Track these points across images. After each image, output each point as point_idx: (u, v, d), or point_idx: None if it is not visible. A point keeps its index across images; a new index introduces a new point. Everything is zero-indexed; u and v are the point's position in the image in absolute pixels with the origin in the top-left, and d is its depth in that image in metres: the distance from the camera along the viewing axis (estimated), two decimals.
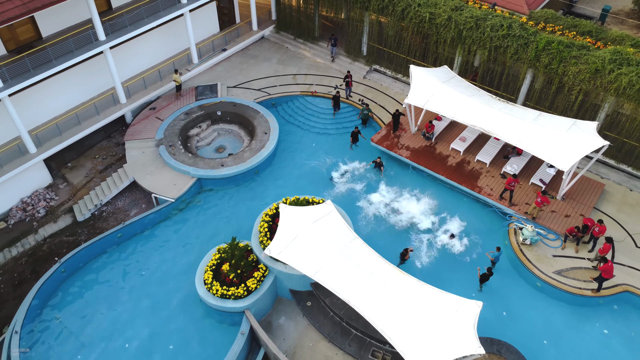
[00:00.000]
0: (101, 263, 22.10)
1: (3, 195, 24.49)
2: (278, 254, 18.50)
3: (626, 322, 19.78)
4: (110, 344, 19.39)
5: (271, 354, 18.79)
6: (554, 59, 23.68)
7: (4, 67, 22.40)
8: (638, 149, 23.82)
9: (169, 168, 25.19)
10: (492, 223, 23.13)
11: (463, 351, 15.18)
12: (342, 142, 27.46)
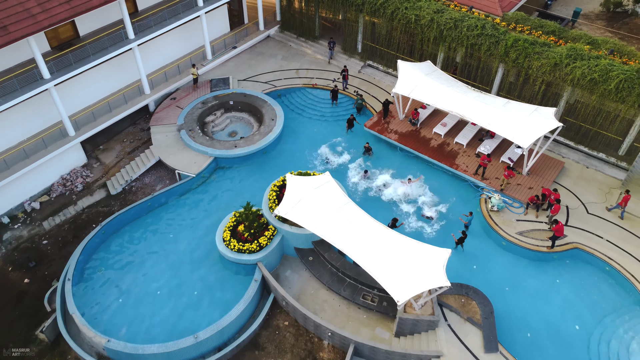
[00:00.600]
0: (134, 227, 26.07)
1: (46, 172, 28.43)
2: (285, 213, 22.47)
3: (575, 273, 23.74)
4: (144, 290, 23.36)
5: (280, 297, 22.78)
6: (520, 55, 27.65)
7: (52, 61, 26.35)
8: (592, 131, 27.78)
9: (189, 149, 29.16)
10: (467, 194, 27.10)
11: (434, 284, 19.14)
12: (339, 128, 31.43)
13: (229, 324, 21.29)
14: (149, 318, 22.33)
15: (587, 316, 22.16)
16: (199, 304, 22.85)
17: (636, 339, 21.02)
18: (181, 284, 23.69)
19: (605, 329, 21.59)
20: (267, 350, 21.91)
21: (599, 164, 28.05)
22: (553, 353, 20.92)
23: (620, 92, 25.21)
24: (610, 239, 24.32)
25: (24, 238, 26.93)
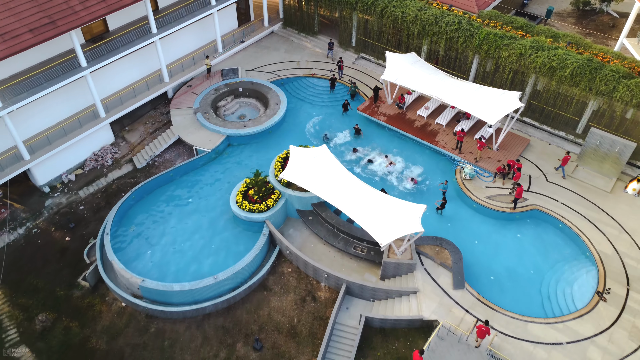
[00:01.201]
0: (159, 193, 30.44)
1: (80, 149, 32.80)
2: (289, 177, 26.84)
3: (534, 229, 28.09)
4: (170, 243, 27.74)
5: (284, 248, 27.16)
6: (491, 46, 32.03)
7: (88, 52, 30.74)
8: (553, 113, 32.17)
9: (205, 129, 33.54)
10: (445, 166, 31.48)
11: (410, 230, 23.51)
12: (336, 111, 35.82)
13: (243, 268, 25.65)
14: (174, 265, 26.71)
15: (541, 263, 26.53)
16: (217, 254, 27.23)
17: (578, 280, 25.41)
18: (201, 238, 28.04)
19: (555, 273, 25.98)
20: (274, 290, 26.30)
21: (559, 141, 32.42)
22: (511, 292, 25.27)
23: (574, 78, 29.60)
24: (565, 202, 28.68)
25: (63, 204, 31.30)
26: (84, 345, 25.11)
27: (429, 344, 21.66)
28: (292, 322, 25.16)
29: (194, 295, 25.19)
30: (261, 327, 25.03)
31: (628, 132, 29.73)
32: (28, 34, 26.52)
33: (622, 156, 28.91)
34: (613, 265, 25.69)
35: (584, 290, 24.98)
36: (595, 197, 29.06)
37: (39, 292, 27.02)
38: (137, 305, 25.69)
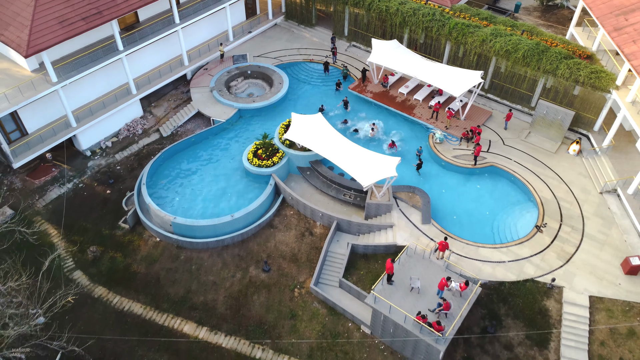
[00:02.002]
0: (183, 155, 36.80)
1: (116, 120, 39.12)
2: (291, 137, 33.22)
3: (491, 182, 34.44)
4: (194, 192, 34.11)
5: (287, 195, 33.52)
6: (459, 34, 38.42)
7: (124, 38, 37.11)
8: (511, 89, 38.52)
9: (220, 104, 39.90)
10: (420, 133, 37.84)
11: (386, 174, 29.87)
12: (329, 90, 42.21)
13: (254, 210, 32.01)
14: (198, 208, 33.10)
15: (495, 206, 32.92)
16: (232, 200, 33.61)
17: (522, 218, 31.81)
18: (219, 188, 34.42)
19: (505, 213, 32.39)
20: (278, 228, 32.70)
21: (516, 113, 38.78)
22: (468, 227, 31.61)
23: (526, 59, 35.99)
24: (517, 160, 35.05)
25: (102, 165, 37.67)
26: (127, 270, 31.53)
27: (399, 259, 28.05)
28: (293, 251, 31.56)
29: (215, 230, 31.55)
30: (269, 255, 31.42)
31: (571, 103, 36.06)
32: (81, 22, 32.93)
33: (564, 123, 35.31)
34: (551, 207, 32.08)
35: (526, 225, 31.40)
36: (542, 157, 35.45)
37: (88, 232, 33.35)
38: (169, 239, 32.09)
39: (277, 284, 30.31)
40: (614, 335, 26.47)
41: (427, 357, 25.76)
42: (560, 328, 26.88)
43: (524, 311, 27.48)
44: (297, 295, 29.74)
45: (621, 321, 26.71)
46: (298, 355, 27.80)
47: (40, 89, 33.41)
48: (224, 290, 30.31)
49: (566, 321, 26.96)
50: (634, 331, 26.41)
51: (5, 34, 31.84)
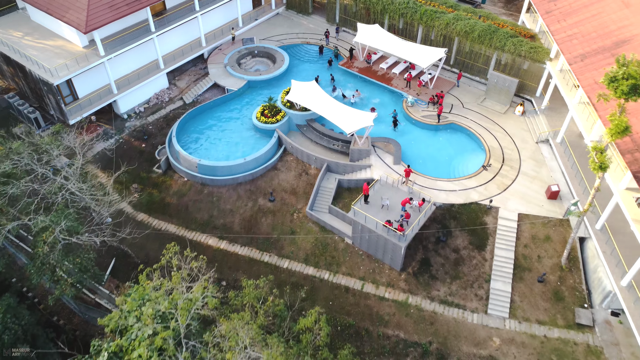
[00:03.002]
0: (204, 116, 45.42)
1: (147, 90, 47.72)
2: (291, 98, 41.87)
3: (451, 136, 43.06)
4: (213, 143, 42.74)
5: (288, 145, 42.13)
6: (428, 18, 47.08)
7: (155, 22, 45.75)
8: (471, 64, 47.17)
9: (232, 77, 48.55)
10: (396, 99, 46.50)
11: (366, 124, 38.55)
12: (323, 65, 50.88)
13: (261, 155, 40.60)
14: (217, 155, 41.73)
15: (453, 153, 41.46)
16: (244, 149, 42.24)
17: (473, 160, 40.40)
18: (233, 140, 43.04)
19: (460, 158, 40.95)
20: (281, 170, 41.32)
21: (475, 84, 47.43)
22: (431, 167, 40.16)
23: (480, 38, 44.62)
24: (473, 119, 43.67)
25: (137, 125, 46.27)
26: (162, 201, 40.19)
27: (373, 186, 36.70)
28: (292, 186, 40.21)
29: (231, 170, 40.16)
30: (274, 189, 40.05)
31: (517, 74, 44.65)
32: (125, 7, 41.63)
33: (510, 89, 43.94)
34: (496, 152, 40.72)
35: (475, 165, 40.03)
36: (493, 117, 44.06)
37: (130, 174, 41.89)
38: (194, 178, 40.72)
39: (280, 210, 38.97)
40: (534, 239, 35.13)
41: (393, 256, 34.41)
42: (495, 236, 35.52)
43: (469, 225, 36.12)
44: (296, 218, 38.40)
45: (540, 230, 35.38)
46: (296, 260, 36.47)
47: (91, 60, 42.06)
48: (239, 215, 38.96)
49: (500, 231, 35.61)
50: (549, 237, 35.09)
51: (67, 16, 40.46)
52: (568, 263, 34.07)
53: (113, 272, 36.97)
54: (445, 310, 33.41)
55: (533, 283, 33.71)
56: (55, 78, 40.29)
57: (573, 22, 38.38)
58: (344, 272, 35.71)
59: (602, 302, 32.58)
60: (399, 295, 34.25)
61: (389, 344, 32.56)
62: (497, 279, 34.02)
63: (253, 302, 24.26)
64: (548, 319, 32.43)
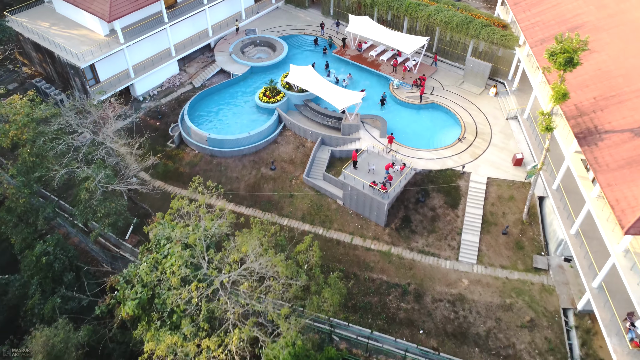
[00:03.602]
0: (212, 97, 50.89)
1: (159, 75, 53.16)
2: (289, 80, 47.36)
3: (432, 113, 48.54)
4: (220, 120, 48.22)
5: (287, 122, 47.61)
6: (412, 11, 52.59)
7: (168, 14, 51.20)
8: (451, 51, 52.71)
9: (237, 63, 54.02)
10: (383, 82, 51.99)
11: (355, 101, 44.04)
12: (319, 53, 56.38)
13: (264, 130, 46.05)
14: (225, 131, 47.19)
15: (433, 128, 46.94)
16: (248, 125, 47.71)
17: (450, 134, 45.92)
18: (238, 117, 48.50)
19: (438, 132, 46.45)
20: (281, 143, 46.79)
21: (455, 69, 52.96)
22: (413, 139, 45.60)
23: (458, 27, 50.14)
24: (451, 99, 49.17)
25: (152, 106, 51.70)
26: (176, 171, 45.64)
27: (361, 153, 42.16)
28: (291, 157, 45.67)
29: (238, 143, 45.58)
30: (275, 160, 45.49)
31: (491, 60, 50.15)
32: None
33: (485, 73, 49.46)
34: (470, 127, 46.19)
35: (452, 138, 45.52)
36: (469, 97, 49.55)
37: (147, 147, 47.28)
38: (204, 150, 46.15)
39: (280, 177, 44.45)
40: (500, 199, 40.63)
41: (377, 213, 39.89)
42: (466, 197, 41.01)
43: (444, 187, 41.61)
44: (294, 184, 43.88)
45: (506, 191, 40.89)
46: (294, 218, 41.93)
47: (112, 47, 47.50)
48: (244, 182, 44.42)
49: (471, 192, 41.09)
50: (513, 196, 40.58)
51: (92, 7, 45.91)
52: (528, 218, 39.58)
53: (134, 230, 42.37)
54: (422, 258, 38.90)
55: (498, 235, 39.20)
56: (81, 62, 45.72)
57: (536, 11, 43.87)
58: (335, 228, 41.18)
59: (556, 250, 38.07)
60: (383, 246, 39.72)
61: (374, 286, 38.03)
62: (467, 232, 39.51)
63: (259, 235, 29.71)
64: (510, 264, 37.92)
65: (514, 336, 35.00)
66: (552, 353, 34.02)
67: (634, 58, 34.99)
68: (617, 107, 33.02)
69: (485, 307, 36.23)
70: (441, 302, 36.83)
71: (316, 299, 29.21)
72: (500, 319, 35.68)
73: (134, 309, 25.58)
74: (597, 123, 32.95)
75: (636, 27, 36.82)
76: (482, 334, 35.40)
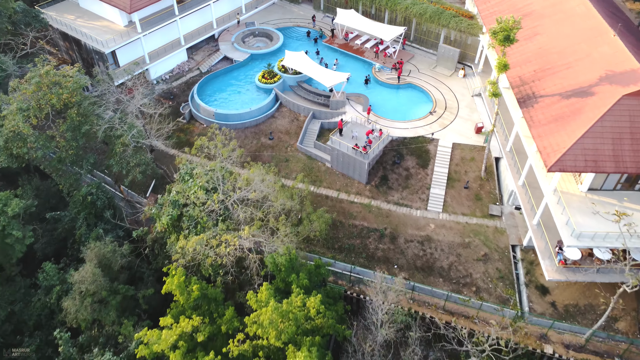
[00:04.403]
0: (218, 80, 58.39)
1: (171, 61, 60.61)
2: (285, 63, 54.93)
3: (409, 92, 56.19)
4: (225, 98, 55.74)
5: (283, 99, 55.16)
6: (392, 4, 60.23)
7: (179, 7, 58.68)
8: (425, 39, 60.37)
9: (238, 51, 61.55)
10: (367, 66, 59.61)
11: (340, 80, 51.63)
12: (310, 43, 63.99)
13: (263, 106, 53.58)
14: (229, 106, 54.69)
15: (409, 104, 54.60)
16: (249, 102, 55.23)
17: (422, 108, 53.56)
18: (241, 96, 56.01)
19: (413, 107, 54.10)
20: (278, 118, 54.31)
21: (430, 55, 60.62)
22: (391, 113, 53.23)
23: (431, 18, 57.87)
24: (425, 80, 56.83)
25: (164, 88, 59.16)
26: (187, 141, 53.07)
27: (346, 123, 49.72)
28: (287, 129, 53.22)
29: (241, 117, 53.06)
30: (272, 131, 52.99)
31: (460, 46, 57.85)
32: None
33: (454, 58, 57.16)
34: (441, 103, 53.83)
35: (424, 111, 53.17)
36: (441, 78, 57.20)
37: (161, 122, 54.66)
38: (212, 123, 53.61)
39: (278, 145, 51.93)
40: (463, 160, 48.25)
41: (360, 172, 47.40)
42: (435, 158, 48.60)
43: (416, 151, 49.20)
44: (289, 150, 51.39)
45: (468, 154, 48.51)
46: (289, 178, 49.42)
47: (131, 36, 54.95)
48: (247, 149, 51.85)
49: (438, 155, 48.67)
50: (474, 158, 48.18)
51: (115, 0, 53.37)
52: (486, 175, 47.22)
53: (154, 189, 49.74)
54: (397, 208, 46.45)
55: (460, 189, 46.81)
56: (106, 48, 53.17)
57: (494, 3, 51.64)
58: (324, 186, 48.69)
59: (508, 200, 45.71)
60: (364, 200, 47.25)
61: (356, 231, 45.54)
62: (435, 187, 47.09)
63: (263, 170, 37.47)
64: (469, 212, 45.53)
65: (471, 268, 42.55)
66: (502, 280, 41.56)
67: (566, 38, 42.73)
68: (551, 77, 40.70)
69: (448, 245, 43.77)
70: (412, 243, 44.35)
71: (307, 223, 36.76)
72: (460, 254, 43.23)
73: (167, 222, 32.90)
74: (534, 90, 40.62)
75: (570, 14, 44.63)
76: (445, 267, 42.93)
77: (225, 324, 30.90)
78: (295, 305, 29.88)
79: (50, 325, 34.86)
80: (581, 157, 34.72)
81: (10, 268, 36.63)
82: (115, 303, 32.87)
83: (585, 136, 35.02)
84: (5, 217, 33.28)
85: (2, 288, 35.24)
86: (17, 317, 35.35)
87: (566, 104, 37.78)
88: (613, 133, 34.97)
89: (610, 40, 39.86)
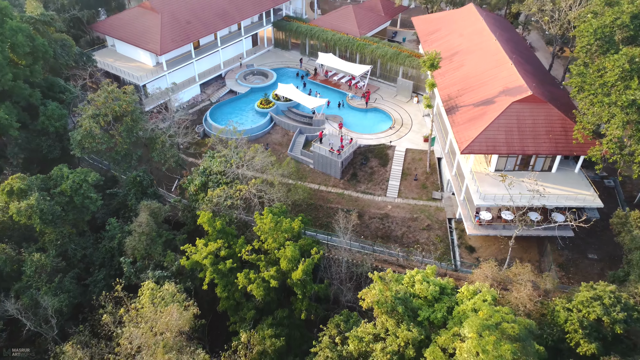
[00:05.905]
0: (223, 108, 74.37)
1: (187, 94, 76.75)
2: (278, 92, 71.20)
3: (374, 114, 72.22)
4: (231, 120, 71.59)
5: (277, 120, 71.00)
6: (361, 48, 77.43)
7: (195, 52, 75.42)
8: (388, 75, 77.18)
9: (240, 86, 78.02)
10: (342, 96, 75.92)
11: (319, 103, 67.68)
12: (298, 79, 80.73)
13: (260, 125, 69.29)
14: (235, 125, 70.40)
15: (375, 123, 70.46)
16: (250, 122, 70.94)
17: (385, 126, 69.51)
18: (242, 118, 71.78)
19: (378, 124, 70.09)
20: (272, 133, 69.79)
21: (392, 87, 77.27)
22: (360, 129, 68.99)
23: (391, 59, 74.91)
24: (388, 105, 73.06)
25: (183, 114, 74.87)
26: (202, 152, 68.34)
27: (324, 135, 65.26)
28: (279, 141, 68.65)
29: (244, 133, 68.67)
30: (268, 144, 68.37)
31: (414, 79, 74.50)
32: (182, 40, 71.50)
33: (409, 88, 73.76)
34: (399, 121, 69.77)
35: (385, 127, 68.98)
36: (400, 104, 73.48)
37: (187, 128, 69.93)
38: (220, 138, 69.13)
39: (272, 153, 67.23)
40: (413, 160, 63.59)
41: (335, 169, 62.52)
42: (392, 159, 63.93)
43: (378, 154, 64.56)
44: (282, 157, 66.67)
45: (417, 156, 63.93)
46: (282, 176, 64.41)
47: (159, 73, 71.31)
48: None
49: (395, 157, 64.03)
50: (421, 159, 63.59)
51: (148, 46, 69.98)
52: (431, 170, 62.46)
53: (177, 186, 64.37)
54: (363, 196, 61.22)
55: (411, 181, 61.86)
56: (140, 81, 69.29)
57: (435, 45, 68.73)
58: (309, 181, 63.58)
59: (446, 188, 60.74)
60: (339, 190, 62.04)
61: (332, 211, 60.05)
62: (392, 180, 62.11)
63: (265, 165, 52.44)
64: (418, 196, 60.37)
65: (418, 235, 56.94)
66: (440, 243, 55.89)
67: (481, 67, 59.28)
68: (469, 93, 56.83)
69: (401, 220, 58.30)
70: (374, 219, 58.85)
71: (293, 191, 51.61)
72: (410, 226, 57.70)
73: (199, 184, 47.52)
74: (458, 102, 56.61)
75: (485, 51, 61.49)
76: (399, 235, 57.28)
77: (237, 246, 45.11)
78: (284, 222, 44.57)
79: (112, 265, 48.38)
80: (484, 143, 50.11)
81: (82, 225, 50.43)
82: (161, 241, 46.74)
83: (486, 129, 50.55)
84: (86, 184, 47.47)
85: (78, 238, 49.03)
86: (88, 258, 48.93)
87: (476, 110, 53.64)
88: (505, 127, 50.57)
89: (508, 67, 56.35)
